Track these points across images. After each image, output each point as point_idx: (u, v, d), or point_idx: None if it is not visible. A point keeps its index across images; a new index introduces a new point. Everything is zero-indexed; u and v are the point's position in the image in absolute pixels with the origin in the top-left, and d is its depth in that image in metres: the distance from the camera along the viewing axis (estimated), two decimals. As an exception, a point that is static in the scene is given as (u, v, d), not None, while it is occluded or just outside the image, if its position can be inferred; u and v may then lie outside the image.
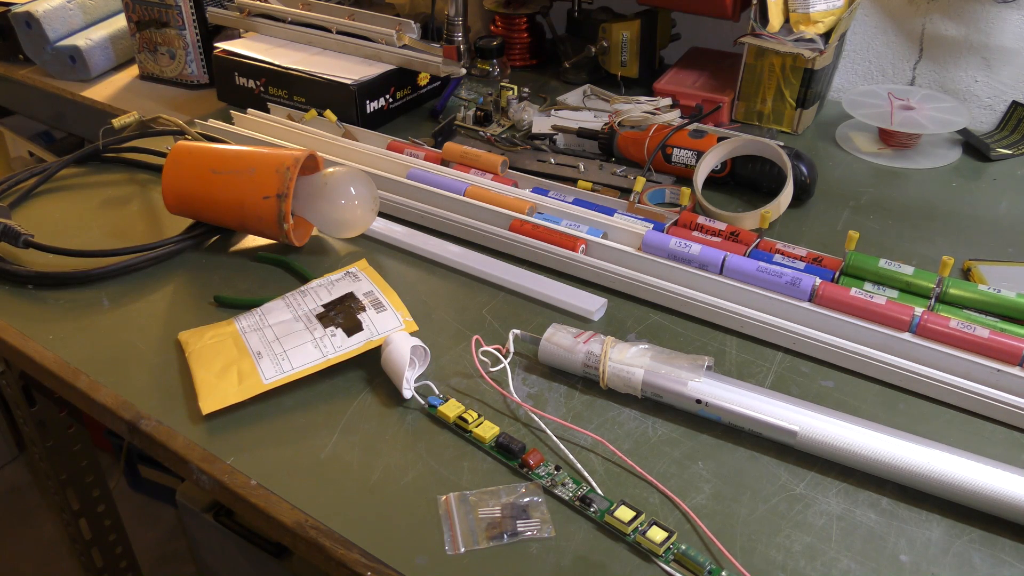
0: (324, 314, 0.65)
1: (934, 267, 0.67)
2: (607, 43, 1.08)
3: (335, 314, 0.65)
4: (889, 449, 0.52)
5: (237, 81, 1.04)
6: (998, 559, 0.49)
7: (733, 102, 1.01)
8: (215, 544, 1.09)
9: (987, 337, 0.60)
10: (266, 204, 0.71)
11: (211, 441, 0.57)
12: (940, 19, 1.00)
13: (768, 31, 0.93)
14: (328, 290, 0.68)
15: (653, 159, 0.87)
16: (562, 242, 0.74)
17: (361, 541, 0.50)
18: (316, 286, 0.69)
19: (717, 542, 0.49)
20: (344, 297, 0.67)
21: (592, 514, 0.51)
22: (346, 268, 0.71)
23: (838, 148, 0.97)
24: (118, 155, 0.93)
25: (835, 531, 0.50)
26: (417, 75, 1.03)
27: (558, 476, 0.54)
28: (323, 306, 0.66)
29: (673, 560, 0.48)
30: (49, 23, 1.15)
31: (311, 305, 0.66)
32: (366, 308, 0.66)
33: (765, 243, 0.73)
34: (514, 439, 0.55)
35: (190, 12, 1.10)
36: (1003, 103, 1.01)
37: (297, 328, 0.64)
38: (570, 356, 0.61)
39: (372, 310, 0.65)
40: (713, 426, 0.58)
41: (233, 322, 0.66)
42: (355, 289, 0.68)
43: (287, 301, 0.68)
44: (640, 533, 0.49)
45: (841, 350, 0.63)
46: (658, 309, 0.70)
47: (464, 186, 0.81)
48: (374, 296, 0.67)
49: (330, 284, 0.69)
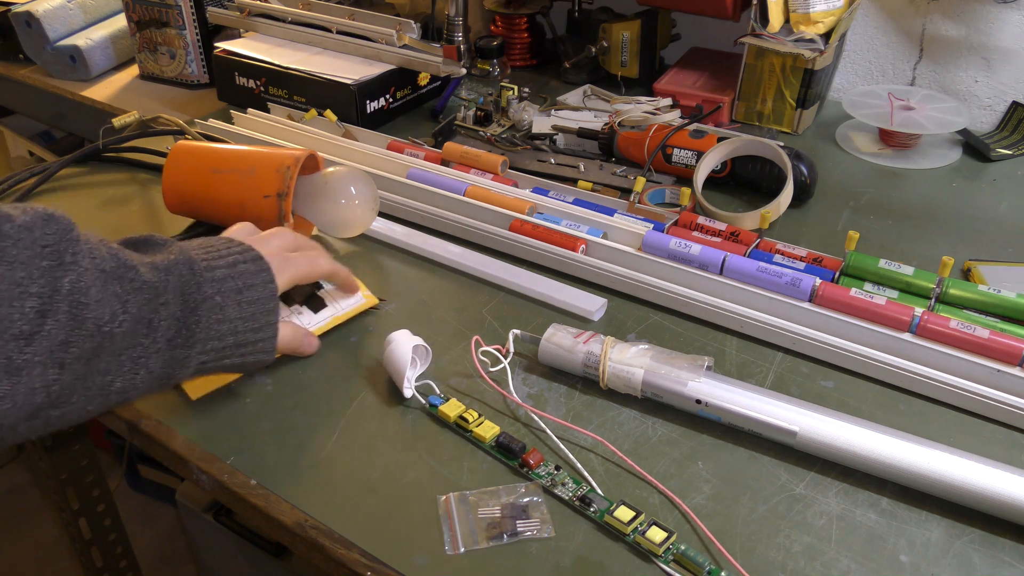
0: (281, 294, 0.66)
1: (934, 267, 0.67)
2: (607, 43, 1.08)
3: (292, 293, 0.66)
4: (889, 449, 0.52)
5: (237, 81, 1.04)
6: (998, 559, 0.49)
7: (733, 102, 1.01)
8: (215, 544, 1.09)
9: (987, 337, 0.60)
10: (266, 203, 0.71)
11: (211, 441, 0.57)
12: (940, 19, 1.00)
13: (768, 31, 0.93)
14: None
15: (653, 159, 0.87)
16: (562, 242, 0.74)
17: (361, 541, 0.50)
18: None
19: (716, 542, 0.49)
20: None
21: (592, 514, 0.51)
22: None
23: (838, 148, 0.97)
24: (118, 155, 0.93)
25: (835, 531, 0.51)
26: (417, 75, 1.03)
27: (558, 476, 0.54)
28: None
29: (673, 560, 0.48)
30: (49, 23, 1.15)
31: None
32: (321, 284, 0.68)
33: (765, 243, 0.73)
34: (514, 439, 0.55)
35: (190, 12, 1.10)
36: (1003, 103, 1.01)
37: None
38: (570, 356, 0.61)
39: (327, 286, 0.68)
40: (713, 426, 0.58)
41: None
42: None
43: None
44: (640, 533, 0.49)
45: (841, 350, 0.63)
46: (658, 309, 0.70)
47: (464, 186, 0.81)
48: None
49: None
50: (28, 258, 0.42)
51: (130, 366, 0.48)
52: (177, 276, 0.51)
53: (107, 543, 1.22)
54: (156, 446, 0.59)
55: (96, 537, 1.19)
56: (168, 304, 0.49)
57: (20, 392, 0.42)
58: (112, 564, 1.24)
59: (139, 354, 0.49)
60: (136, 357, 0.48)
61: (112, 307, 0.46)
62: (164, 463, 0.60)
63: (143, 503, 1.70)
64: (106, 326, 0.45)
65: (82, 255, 0.45)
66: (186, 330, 0.51)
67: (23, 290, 0.41)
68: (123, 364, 0.48)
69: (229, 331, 0.53)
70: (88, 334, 0.44)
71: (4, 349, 0.41)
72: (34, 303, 0.42)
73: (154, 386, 0.51)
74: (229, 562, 1.09)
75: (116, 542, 1.23)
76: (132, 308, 0.47)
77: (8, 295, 0.41)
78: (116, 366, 0.48)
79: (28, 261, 0.42)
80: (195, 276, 0.52)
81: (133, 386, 0.49)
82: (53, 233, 0.43)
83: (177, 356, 0.51)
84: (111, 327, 0.45)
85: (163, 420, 0.59)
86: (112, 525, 1.21)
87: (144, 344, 0.49)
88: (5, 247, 0.41)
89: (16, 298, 0.41)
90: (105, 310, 0.45)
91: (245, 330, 0.54)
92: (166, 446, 0.58)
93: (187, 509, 1.08)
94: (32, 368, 0.42)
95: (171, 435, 0.58)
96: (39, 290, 0.42)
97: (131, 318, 0.47)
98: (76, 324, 0.43)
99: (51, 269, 0.43)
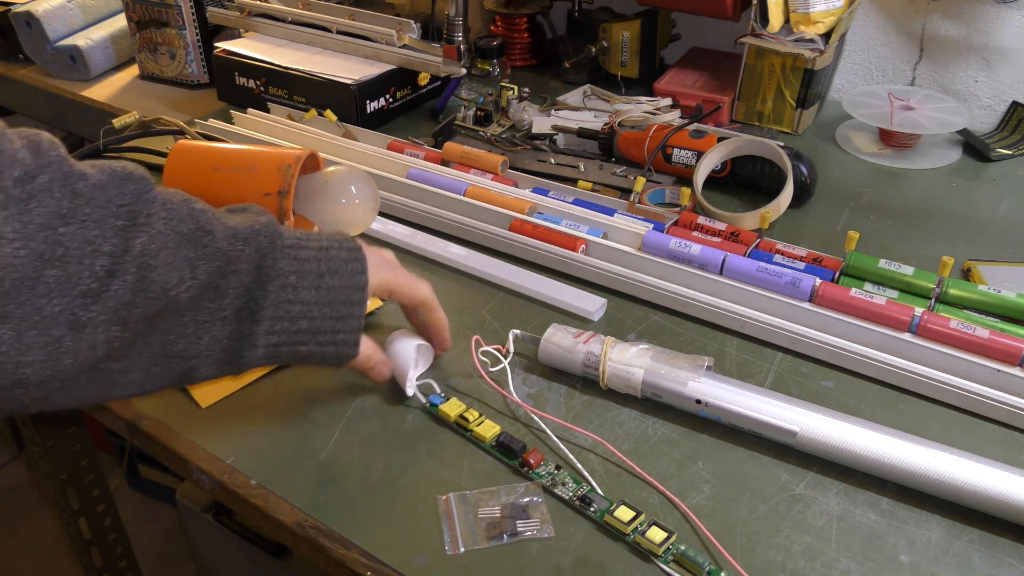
0: None
1: (934, 267, 0.67)
2: (607, 43, 1.08)
3: None
4: (889, 449, 0.52)
5: (237, 81, 1.04)
6: (998, 559, 0.49)
7: (733, 102, 1.01)
8: (215, 544, 1.09)
9: (987, 337, 0.60)
10: (267, 201, 0.71)
11: (211, 441, 0.57)
12: (940, 19, 1.00)
13: (768, 31, 0.93)
14: None
15: (653, 159, 0.87)
16: (562, 242, 0.74)
17: (361, 541, 0.50)
18: None
19: (716, 543, 0.49)
20: None
21: (592, 514, 0.51)
22: None
23: (838, 148, 0.97)
24: (118, 155, 0.93)
25: (835, 531, 0.51)
26: (417, 75, 1.03)
27: (558, 476, 0.54)
28: None
29: (672, 561, 0.48)
30: (49, 23, 1.15)
31: None
32: None
33: (765, 243, 0.73)
34: (515, 438, 0.55)
35: (190, 12, 1.10)
36: (1003, 103, 1.01)
37: None
38: (570, 356, 0.61)
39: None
40: (713, 426, 0.58)
41: None
42: None
43: None
44: (640, 533, 0.49)
45: (841, 350, 0.63)
46: (658, 309, 0.70)
47: (464, 186, 0.81)
48: None
49: None
50: (102, 216, 0.42)
51: (194, 328, 0.47)
52: (255, 247, 0.49)
53: (107, 543, 1.22)
54: (156, 446, 0.59)
55: (96, 537, 1.19)
56: (240, 273, 0.48)
57: (83, 348, 0.42)
58: (112, 564, 1.24)
59: (203, 318, 0.47)
60: (200, 320, 0.47)
61: (181, 271, 0.45)
62: (164, 463, 0.60)
63: (143, 503, 1.70)
64: (172, 290, 0.44)
65: (156, 216, 0.44)
66: (253, 303, 0.49)
67: (95, 248, 0.41)
68: (187, 326, 0.47)
69: (302, 314, 0.51)
70: (154, 296, 0.44)
71: (71, 306, 0.40)
72: (104, 261, 0.41)
73: (222, 360, 0.49)
74: (229, 562, 1.09)
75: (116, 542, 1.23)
76: (201, 274, 0.46)
77: (79, 253, 0.41)
78: (179, 327, 0.46)
79: (102, 220, 0.42)
80: (274, 250, 0.50)
81: (196, 352, 0.48)
82: (130, 192, 0.43)
83: (243, 330, 0.49)
84: (177, 291, 0.45)
85: (163, 420, 0.59)
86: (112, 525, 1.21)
87: (210, 308, 0.47)
88: (78, 205, 0.41)
89: (87, 256, 0.41)
90: (173, 274, 0.44)
91: (322, 316, 0.51)
92: (166, 446, 0.58)
93: (187, 509, 1.08)
94: (96, 326, 0.42)
95: (171, 435, 0.58)
96: (111, 249, 0.42)
97: (199, 284, 0.46)
98: (143, 286, 0.43)
99: (124, 229, 0.42)
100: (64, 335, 0.41)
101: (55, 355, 0.41)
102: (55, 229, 0.40)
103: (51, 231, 0.40)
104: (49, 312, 0.40)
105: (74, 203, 0.41)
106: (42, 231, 0.39)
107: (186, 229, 0.46)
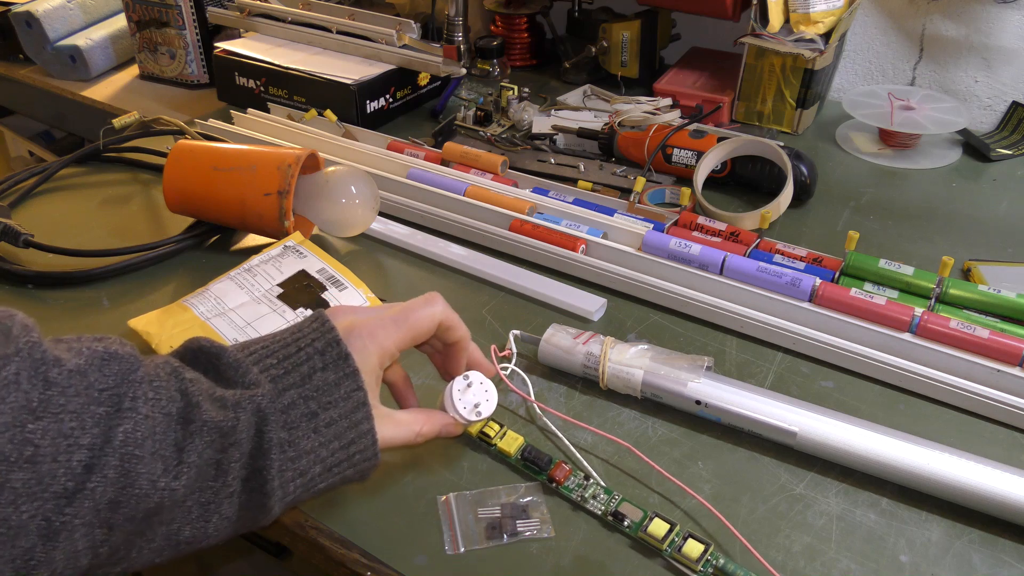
0: (284, 294, 0.64)
1: (934, 267, 0.67)
2: (607, 43, 1.08)
3: (296, 294, 0.64)
4: (889, 449, 0.52)
5: (237, 81, 1.04)
6: (998, 559, 0.49)
7: (733, 102, 1.01)
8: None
9: (987, 337, 0.60)
10: (267, 201, 0.71)
11: (211, 441, 0.57)
12: (940, 19, 1.01)
13: (768, 31, 0.93)
14: (277, 268, 0.67)
15: (653, 159, 0.87)
16: (562, 242, 0.74)
17: (361, 541, 0.50)
18: (259, 263, 0.68)
19: (753, 552, 0.49)
20: (297, 275, 0.66)
21: (626, 529, 0.50)
22: (283, 242, 0.70)
23: (838, 148, 0.97)
24: (118, 155, 0.93)
25: (835, 531, 0.51)
26: (417, 75, 1.03)
27: (588, 490, 0.52)
28: (279, 285, 0.65)
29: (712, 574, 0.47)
30: (49, 23, 1.15)
31: (265, 285, 0.65)
32: (326, 287, 0.66)
33: (765, 243, 0.73)
34: (540, 452, 0.54)
35: (190, 12, 1.10)
36: (1003, 103, 1.01)
37: (263, 312, 0.63)
38: (569, 357, 0.61)
39: (333, 288, 0.66)
40: (713, 427, 0.58)
41: (188, 307, 0.64)
42: (305, 267, 0.67)
43: (236, 281, 0.66)
44: (676, 549, 0.48)
45: (841, 350, 0.63)
46: (658, 309, 0.70)
47: (464, 186, 0.81)
48: (328, 273, 0.67)
49: (275, 261, 0.68)
50: (80, 406, 0.37)
51: (199, 512, 0.41)
52: (251, 411, 0.42)
53: (107, 543, 1.22)
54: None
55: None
56: (240, 444, 0.42)
57: (58, 558, 0.37)
58: (112, 564, 1.24)
59: (208, 499, 0.41)
60: (205, 503, 0.41)
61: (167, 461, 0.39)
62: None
63: (143, 503, 1.70)
64: (161, 480, 0.39)
65: (142, 400, 0.39)
66: (258, 475, 0.43)
67: (72, 442, 0.36)
68: (190, 511, 0.41)
69: (313, 462, 0.44)
70: (141, 493, 0.38)
71: (42, 509, 0.36)
72: (82, 456, 0.37)
73: (237, 529, 0.44)
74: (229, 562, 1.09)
75: (116, 542, 1.23)
76: (191, 457, 0.40)
77: (52, 450, 0.36)
78: (181, 514, 0.41)
79: (80, 409, 0.37)
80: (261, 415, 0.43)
81: (205, 535, 0.42)
82: (113, 375, 0.39)
83: (254, 501, 0.43)
84: (166, 481, 0.39)
85: (163, 420, 0.59)
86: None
87: (214, 487, 0.42)
88: (51, 396, 0.36)
89: (62, 452, 0.36)
90: (158, 465, 0.39)
91: (329, 454, 0.45)
92: (166, 446, 0.57)
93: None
94: (72, 531, 0.37)
95: (171, 435, 0.58)
96: (91, 441, 0.37)
97: (194, 466, 0.40)
98: (127, 481, 0.38)
99: (107, 416, 0.38)
100: (34, 545, 0.36)
101: (24, 570, 0.36)
102: (23, 426, 0.35)
103: (18, 428, 0.35)
104: (16, 522, 0.35)
105: (46, 394, 0.36)
106: (7, 430, 0.35)
107: (175, 409, 0.40)
